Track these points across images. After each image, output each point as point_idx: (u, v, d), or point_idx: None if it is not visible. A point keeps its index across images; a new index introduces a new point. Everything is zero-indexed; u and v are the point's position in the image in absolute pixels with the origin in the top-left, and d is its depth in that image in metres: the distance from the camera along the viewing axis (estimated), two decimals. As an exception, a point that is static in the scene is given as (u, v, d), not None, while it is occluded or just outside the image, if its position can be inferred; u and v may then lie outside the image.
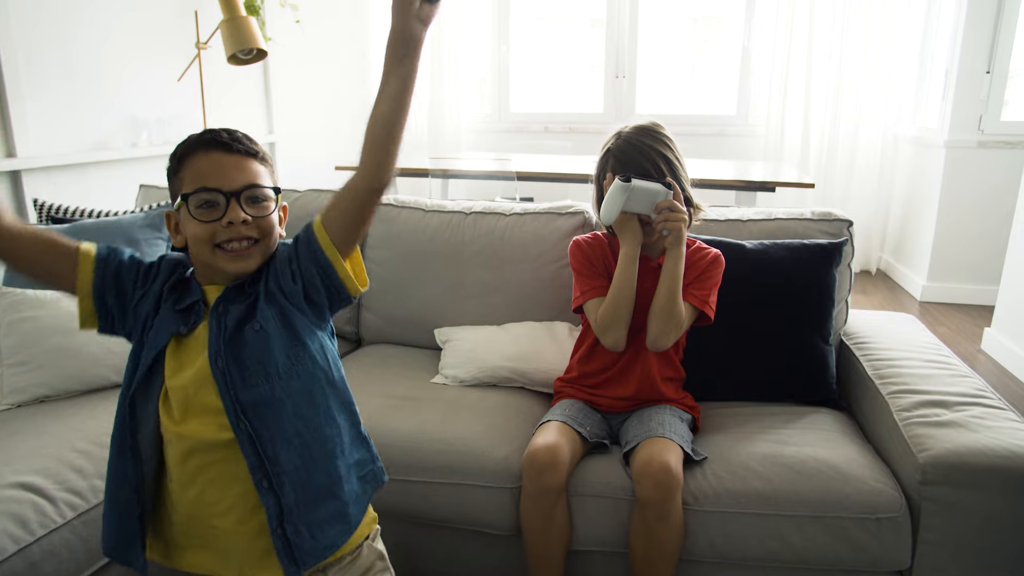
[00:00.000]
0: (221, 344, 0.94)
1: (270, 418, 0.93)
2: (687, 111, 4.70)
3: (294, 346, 0.96)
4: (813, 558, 1.27)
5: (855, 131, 4.09)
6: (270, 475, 0.93)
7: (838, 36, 4.01)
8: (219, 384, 0.93)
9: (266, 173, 0.98)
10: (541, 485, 1.29)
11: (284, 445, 0.93)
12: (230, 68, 2.84)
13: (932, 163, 3.65)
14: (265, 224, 0.96)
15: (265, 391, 0.93)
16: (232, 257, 0.95)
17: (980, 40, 3.35)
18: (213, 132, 0.97)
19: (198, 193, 0.94)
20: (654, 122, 1.45)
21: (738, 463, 1.33)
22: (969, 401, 1.38)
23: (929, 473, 1.21)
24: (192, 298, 0.98)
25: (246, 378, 0.93)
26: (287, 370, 0.95)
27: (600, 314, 1.43)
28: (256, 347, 0.94)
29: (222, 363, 0.93)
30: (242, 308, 0.96)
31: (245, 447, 0.92)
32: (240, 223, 0.93)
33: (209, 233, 0.95)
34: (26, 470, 1.23)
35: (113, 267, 0.98)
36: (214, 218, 0.94)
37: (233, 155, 0.95)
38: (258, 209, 0.96)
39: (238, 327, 0.95)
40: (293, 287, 0.96)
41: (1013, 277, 2.81)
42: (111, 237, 1.74)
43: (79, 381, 1.54)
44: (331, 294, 0.98)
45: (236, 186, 0.94)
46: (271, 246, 0.99)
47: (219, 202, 0.94)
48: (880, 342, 1.70)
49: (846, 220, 1.81)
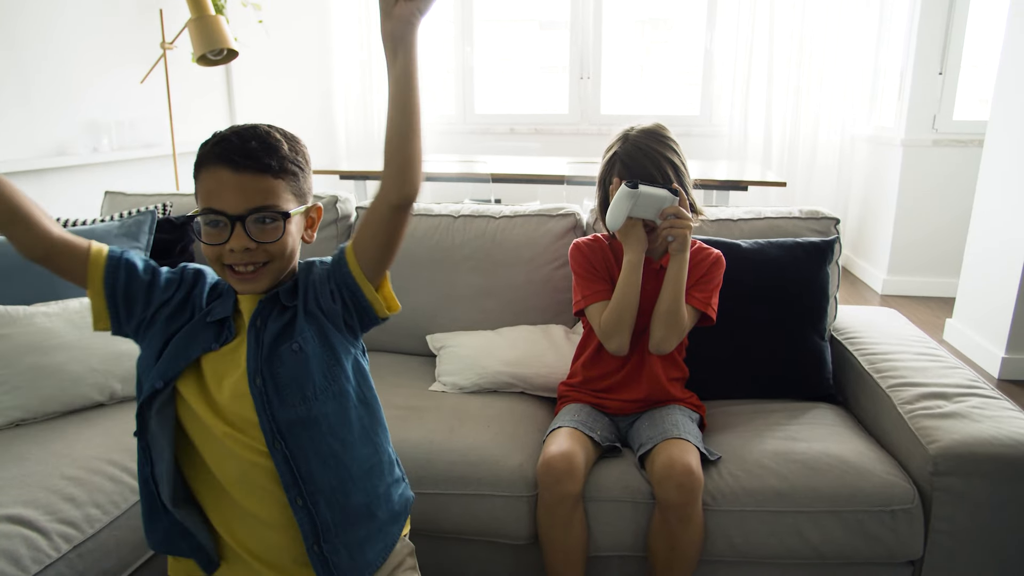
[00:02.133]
0: (260, 362, 0.90)
1: (305, 438, 0.91)
2: (652, 112, 4.75)
3: (331, 366, 0.93)
4: (830, 552, 1.28)
5: (815, 131, 4.21)
6: (304, 494, 0.91)
7: (797, 38, 4.12)
8: (256, 403, 0.90)
9: (283, 187, 0.91)
10: (558, 493, 1.27)
11: (319, 464, 0.91)
12: (190, 69, 2.74)
13: (889, 161, 3.78)
14: (274, 248, 0.90)
15: (302, 411, 0.91)
16: (240, 279, 0.92)
17: (932, 43, 3.49)
18: (225, 142, 0.90)
19: (204, 214, 0.90)
20: (659, 124, 1.44)
21: (752, 461, 1.34)
22: (966, 392, 1.42)
23: (940, 464, 1.24)
24: (225, 311, 0.94)
25: (283, 398, 0.90)
26: (323, 390, 0.92)
27: (604, 320, 1.42)
28: (294, 367, 0.91)
29: (260, 382, 0.90)
30: (280, 324, 0.93)
31: (280, 465, 0.90)
32: (243, 250, 0.88)
33: (216, 254, 0.91)
34: (12, 502, 1.14)
35: (124, 270, 0.93)
36: (219, 241, 0.89)
37: (241, 173, 0.89)
38: (265, 233, 0.90)
39: (275, 344, 0.91)
40: (333, 306, 0.93)
41: (972, 268, 2.93)
42: (84, 248, 1.64)
43: (58, 402, 1.45)
44: (361, 315, 0.95)
45: (241, 210, 0.88)
46: (284, 267, 0.94)
47: (224, 224, 0.89)
48: (870, 336, 1.74)
49: (833, 218, 1.85)
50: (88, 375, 1.47)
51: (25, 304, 1.50)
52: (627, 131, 1.44)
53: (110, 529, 1.19)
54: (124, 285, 0.93)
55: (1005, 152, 2.72)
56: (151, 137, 2.56)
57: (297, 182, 0.94)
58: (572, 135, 4.81)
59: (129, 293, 0.93)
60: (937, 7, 3.47)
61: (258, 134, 0.91)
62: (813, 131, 4.22)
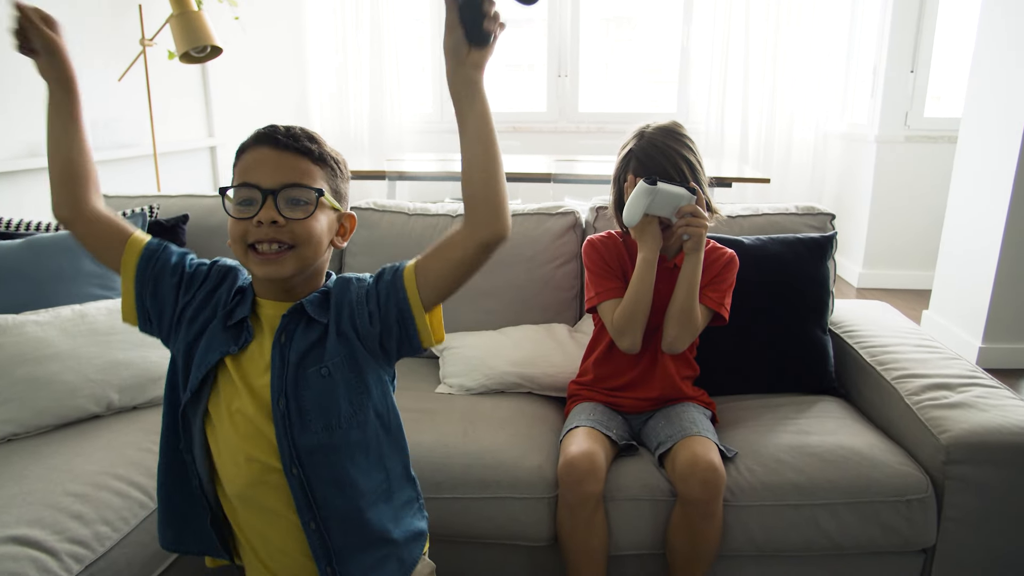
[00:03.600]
0: (284, 383, 0.86)
1: (323, 464, 0.87)
2: (630, 109, 4.78)
3: (359, 393, 0.89)
4: (847, 543, 1.30)
5: (790, 128, 4.28)
6: (318, 518, 0.88)
7: (772, 36, 4.19)
8: (277, 427, 0.86)
9: (320, 175, 0.89)
10: (581, 493, 1.27)
11: (334, 490, 0.88)
12: (166, 67, 2.65)
13: (863, 157, 3.87)
14: (300, 229, 0.86)
15: (323, 438, 0.87)
16: (262, 260, 0.87)
17: (904, 41, 3.59)
18: (271, 127, 0.89)
19: (237, 188, 0.87)
20: (675, 122, 1.44)
21: (768, 456, 1.35)
22: (968, 382, 1.45)
23: (953, 453, 1.27)
24: (243, 314, 0.89)
25: (305, 423, 0.87)
26: (348, 419, 0.88)
27: (616, 317, 1.42)
28: (320, 393, 0.87)
29: (284, 404, 0.86)
30: (307, 342, 0.88)
31: (295, 489, 0.87)
32: (270, 224, 0.85)
33: (242, 231, 0.86)
34: (16, 522, 1.09)
35: (155, 267, 0.90)
36: (248, 215, 0.86)
37: (282, 151, 0.87)
38: (296, 211, 0.86)
39: (301, 365, 0.87)
40: (370, 329, 0.88)
41: (948, 261, 3.02)
42: (72, 253, 1.58)
43: (53, 415, 1.38)
44: (402, 342, 0.90)
45: (274, 183, 0.86)
46: (309, 256, 0.89)
47: (256, 199, 0.86)
48: (867, 329, 1.78)
49: (829, 214, 1.88)
50: (84, 386, 1.41)
51: (13, 312, 1.43)
52: (643, 128, 1.44)
53: (121, 546, 1.14)
54: (152, 283, 0.90)
55: (978, 148, 2.80)
56: (128, 137, 2.47)
57: (334, 178, 0.91)
58: (550, 133, 4.80)
59: (158, 292, 0.90)
60: (908, 6, 3.56)
61: (305, 129, 0.90)
62: (788, 128, 4.30)
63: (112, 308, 1.51)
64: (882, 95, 3.65)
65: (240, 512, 0.91)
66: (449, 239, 0.86)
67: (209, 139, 3.21)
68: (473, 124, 0.83)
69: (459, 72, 0.81)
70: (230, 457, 0.88)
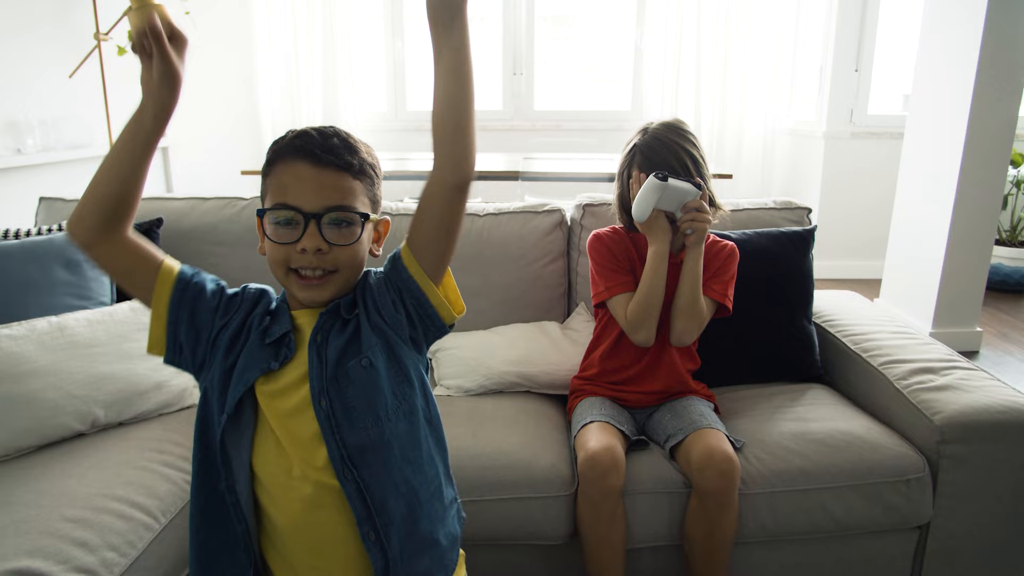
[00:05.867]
0: (324, 382, 0.83)
1: (377, 464, 0.84)
2: (584, 107, 4.83)
3: (401, 383, 0.87)
4: (852, 523, 1.35)
5: (740, 125, 4.42)
6: (378, 526, 0.84)
7: (722, 36, 4.30)
8: (323, 428, 0.83)
9: (361, 190, 0.86)
10: (604, 488, 1.27)
11: (392, 492, 0.85)
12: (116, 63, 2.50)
13: (812, 153, 4.03)
14: (344, 255, 0.84)
15: (374, 434, 0.84)
16: (305, 285, 0.85)
17: (848, 42, 3.76)
18: (306, 136, 0.84)
19: (276, 210, 0.83)
20: (678, 119, 1.47)
21: (774, 444, 1.39)
22: (949, 365, 1.53)
23: (947, 433, 1.34)
24: (282, 328, 0.85)
25: (353, 420, 0.83)
26: (395, 410, 0.85)
27: (631, 311, 1.43)
28: (364, 385, 0.84)
29: (326, 404, 0.83)
30: (343, 339, 0.85)
31: (352, 496, 0.83)
32: (315, 252, 0.82)
33: (284, 256, 0.84)
34: (14, 553, 1.01)
35: (192, 295, 0.85)
36: (290, 240, 0.83)
37: (322, 168, 0.83)
38: (340, 235, 0.84)
39: (340, 361, 0.84)
40: (397, 316, 0.86)
41: (897, 251, 3.18)
42: (42, 261, 1.47)
43: (35, 435, 1.29)
44: (425, 325, 0.88)
45: (317, 207, 0.82)
46: (351, 279, 0.88)
47: (297, 222, 0.83)
48: (845, 318, 1.85)
49: (806, 208, 1.95)
50: (67, 403, 1.31)
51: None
52: (647, 125, 1.47)
53: (131, 572, 1.07)
54: (189, 313, 0.84)
55: (923, 143, 2.96)
56: (79, 137, 2.32)
57: (372, 188, 0.89)
58: (506, 131, 4.80)
59: (194, 321, 0.85)
60: (852, 8, 3.73)
61: (339, 132, 0.86)
62: (739, 125, 4.43)
63: (92, 319, 1.42)
64: (828, 93, 3.81)
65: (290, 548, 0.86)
66: (424, 196, 0.84)
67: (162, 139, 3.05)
68: (449, 55, 0.78)
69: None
70: (280, 484, 0.84)
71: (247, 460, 0.84)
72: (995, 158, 2.72)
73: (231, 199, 1.92)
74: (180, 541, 1.18)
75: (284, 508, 0.84)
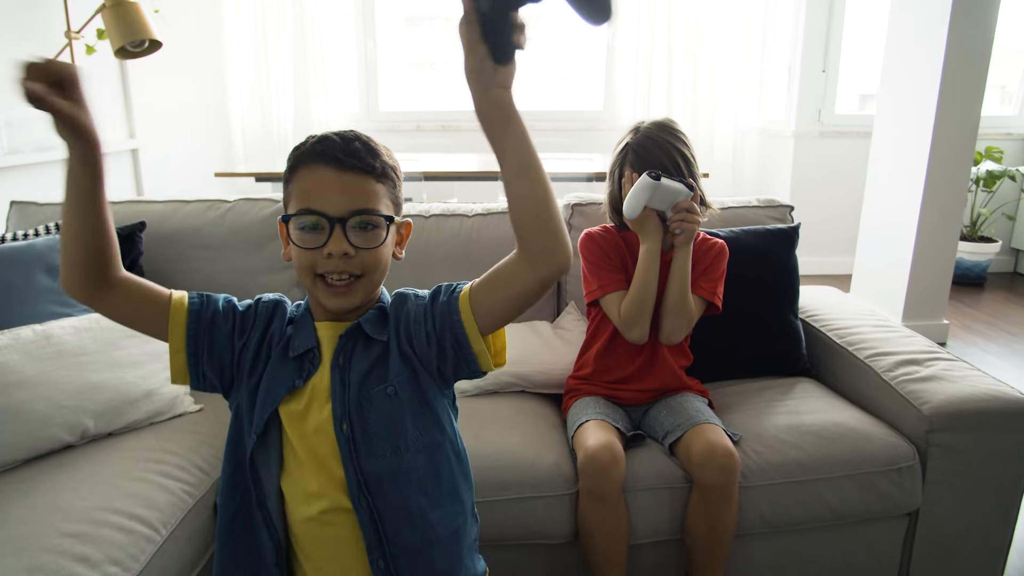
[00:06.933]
0: (347, 406, 0.82)
1: (393, 494, 0.84)
2: (556, 107, 4.85)
3: (423, 414, 0.86)
4: (847, 512, 1.39)
5: (712, 124, 4.49)
6: (387, 556, 0.84)
7: (692, 37, 4.37)
8: (342, 452, 0.82)
9: (384, 193, 0.85)
10: (605, 485, 1.28)
11: (406, 524, 0.85)
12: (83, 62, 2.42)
13: (781, 151, 4.12)
14: (370, 258, 0.84)
15: (392, 463, 0.83)
16: (332, 292, 0.84)
17: (816, 43, 3.85)
18: (327, 141, 0.84)
19: (301, 215, 0.82)
20: (669, 118, 1.49)
21: (770, 437, 1.42)
22: (931, 357, 1.58)
23: (935, 422, 1.38)
24: (306, 344, 0.84)
25: (372, 447, 0.83)
26: (415, 441, 0.85)
27: (624, 309, 1.44)
28: (387, 413, 0.83)
29: (347, 428, 0.82)
30: (368, 362, 0.84)
31: (364, 523, 0.83)
32: (341, 256, 0.81)
33: (310, 262, 0.83)
34: (14, 571, 0.97)
35: (207, 320, 0.84)
36: (316, 245, 0.82)
37: (345, 172, 0.82)
38: (366, 239, 0.83)
39: (364, 385, 0.83)
40: (427, 351, 0.85)
41: (867, 247, 3.27)
42: (23, 267, 1.42)
43: (23, 448, 1.24)
44: (459, 365, 0.86)
45: (342, 211, 0.81)
46: (377, 282, 0.87)
47: (323, 226, 0.82)
48: (828, 313, 1.90)
49: (788, 205, 2.00)
50: (56, 413, 1.27)
51: (-37, 337, 1.28)
52: (639, 124, 1.48)
53: (135, 586, 1.04)
54: (208, 340, 0.83)
55: (891, 142, 3.05)
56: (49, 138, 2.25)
57: (394, 190, 0.88)
58: (478, 131, 4.76)
59: (215, 348, 0.83)
60: (819, 11, 3.82)
61: (359, 136, 0.86)
62: (711, 125, 4.50)
63: (79, 326, 1.37)
64: (797, 93, 3.90)
65: (309, 560, 0.87)
66: (507, 270, 0.81)
67: (130, 141, 2.97)
68: (513, 153, 0.74)
69: (487, 95, 0.72)
70: (298, 500, 0.84)
71: (276, 475, 0.83)
72: (960, 156, 2.82)
73: (214, 201, 1.88)
74: (182, 553, 1.16)
75: (302, 523, 0.84)
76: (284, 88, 4.37)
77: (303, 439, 0.83)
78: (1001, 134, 4.14)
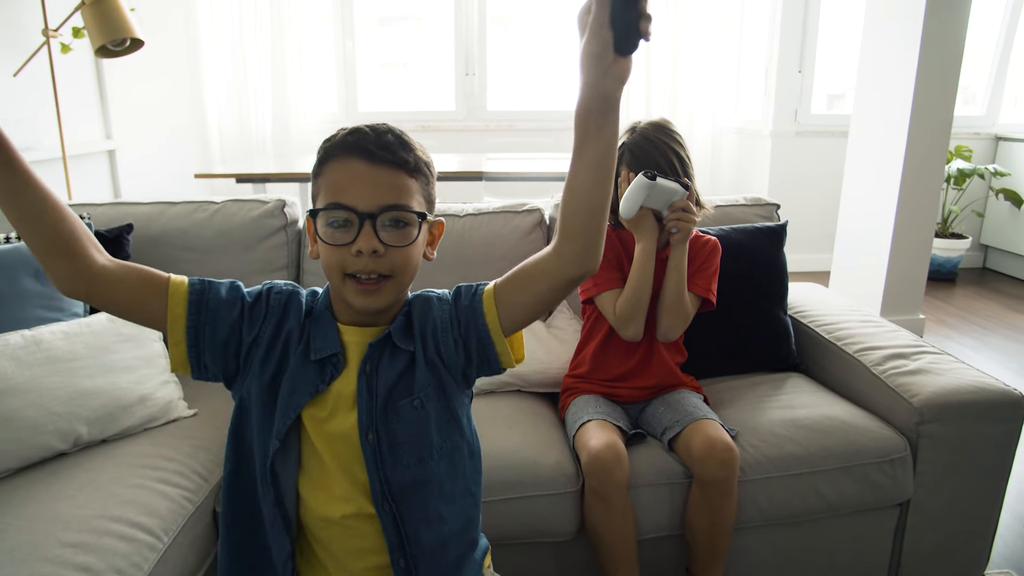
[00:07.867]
0: (374, 416, 0.81)
1: (416, 500, 0.84)
2: (539, 107, 4.86)
3: (447, 421, 0.86)
4: (842, 504, 1.42)
5: (690, 124, 4.54)
6: (408, 555, 0.84)
7: (671, 38, 4.42)
8: (368, 463, 0.82)
9: (417, 189, 0.82)
10: (611, 484, 1.29)
11: (426, 526, 0.85)
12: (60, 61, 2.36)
13: (758, 151, 4.19)
14: (399, 258, 0.80)
15: (417, 473, 0.83)
16: (361, 291, 0.81)
17: (792, 44, 3.92)
18: (358, 133, 0.81)
19: (329, 210, 0.79)
20: (664, 118, 1.50)
21: (766, 432, 1.44)
22: (917, 351, 1.62)
23: (925, 414, 1.42)
24: (330, 348, 0.82)
25: (398, 457, 0.82)
26: (439, 449, 0.85)
27: (619, 307, 1.45)
28: (413, 425, 0.83)
29: (374, 439, 0.81)
30: (395, 372, 0.83)
31: (387, 527, 0.83)
32: (370, 254, 0.78)
33: (339, 261, 0.80)
34: (14, 582, 0.95)
35: (208, 313, 0.80)
36: (344, 242, 0.79)
37: (377, 166, 0.79)
38: (397, 236, 0.80)
39: (391, 396, 0.82)
40: (455, 357, 0.84)
41: (844, 244, 3.33)
42: (9, 272, 1.39)
43: (15, 457, 1.21)
44: (481, 365, 0.86)
45: (372, 206, 0.78)
46: (406, 283, 0.85)
47: (352, 222, 0.79)
48: (815, 309, 1.93)
49: (775, 204, 2.04)
50: (48, 421, 1.24)
51: (-51, 344, 1.24)
52: (635, 124, 1.49)
53: (140, 595, 1.02)
54: (210, 328, 0.80)
55: (867, 141, 3.12)
56: (27, 139, 2.18)
57: (428, 187, 0.85)
58: (460, 131, 4.78)
59: (216, 336, 0.80)
60: (794, 12, 3.89)
61: (392, 129, 0.83)
62: (689, 124, 4.55)
63: (69, 331, 1.34)
64: (774, 93, 3.97)
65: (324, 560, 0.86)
66: (535, 268, 0.80)
67: (107, 142, 2.90)
68: (597, 148, 0.72)
69: (601, 85, 0.69)
70: (320, 502, 0.84)
71: (295, 475, 0.82)
72: (934, 155, 2.90)
73: (201, 203, 1.85)
74: (185, 560, 1.14)
75: (321, 523, 0.84)
76: (262, 88, 4.31)
77: (328, 444, 0.82)
78: (970, 133, 4.25)
